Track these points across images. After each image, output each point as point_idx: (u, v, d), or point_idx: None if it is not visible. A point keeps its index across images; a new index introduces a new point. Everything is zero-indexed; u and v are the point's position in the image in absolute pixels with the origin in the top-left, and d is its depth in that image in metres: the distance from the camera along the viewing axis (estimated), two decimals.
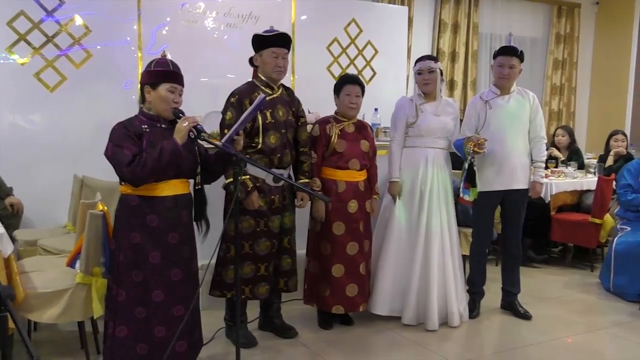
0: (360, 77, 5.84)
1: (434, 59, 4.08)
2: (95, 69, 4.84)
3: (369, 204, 3.94)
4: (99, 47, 4.84)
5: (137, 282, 2.75)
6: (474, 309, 4.19)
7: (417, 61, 4.07)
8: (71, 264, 3.10)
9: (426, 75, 3.97)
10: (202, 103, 4.74)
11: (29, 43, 4.63)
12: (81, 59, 4.80)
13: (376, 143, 4.55)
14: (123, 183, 2.77)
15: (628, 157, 5.70)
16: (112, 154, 2.67)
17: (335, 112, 3.92)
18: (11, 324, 2.57)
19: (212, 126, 3.94)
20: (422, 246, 3.92)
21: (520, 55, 4.06)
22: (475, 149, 3.85)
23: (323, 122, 3.87)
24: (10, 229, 4.02)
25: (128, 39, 4.97)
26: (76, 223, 3.69)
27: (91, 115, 4.75)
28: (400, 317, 3.97)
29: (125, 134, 2.69)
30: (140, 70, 4.94)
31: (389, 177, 4.04)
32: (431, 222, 3.92)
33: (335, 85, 3.91)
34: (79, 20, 4.79)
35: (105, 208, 3.04)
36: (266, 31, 3.53)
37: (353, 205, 3.83)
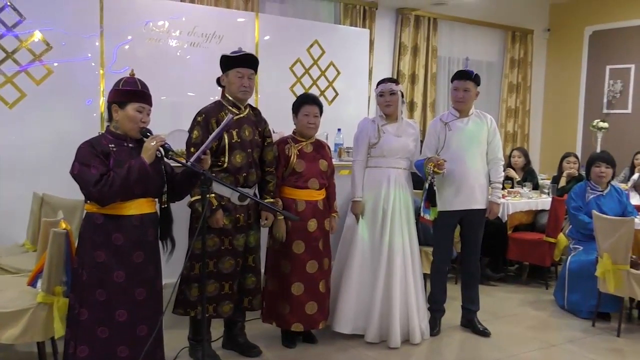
0: (322, 97, 6.00)
1: (395, 81, 4.19)
2: (56, 85, 4.76)
3: (327, 222, 3.98)
4: (58, 64, 4.78)
5: (100, 302, 2.72)
6: (435, 327, 4.25)
7: (378, 83, 4.16)
8: (32, 283, 3.04)
9: (388, 97, 4.07)
10: (164, 121, 4.70)
11: None
12: (41, 75, 4.73)
13: (339, 163, 4.64)
14: (89, 201, 2.75)
15: (579, 179, 5.89)
16: (78, 172, 2.65)
17: (294, 132, 3.97)
18: None
19: (175, 144, 3.91)
20: (384, 264, 3.98)
21: (475, 79, 4.19)
22: (435, 169, 3.95)
23: (281, 142, 3.90)
24: None
25: (89, 55, 4.93)
26: (36, 241, 3.64)
27: (51, 132, 4.67)
28: (363, 335, 4.01)
29: (92, 152, 2.67)
30: (103, 87, 4.91)
31: (351, 196, 4.09)
32: (393, 241, 3.99)
33: (294, 105, 3.95)
34: (39, 36, 4.73)
35: (69, 226, 3.00)
36: (233, 52, 3.58)
37: (312, 224, 3.87)
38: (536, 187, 6.30)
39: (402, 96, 4.15)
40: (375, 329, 3.98)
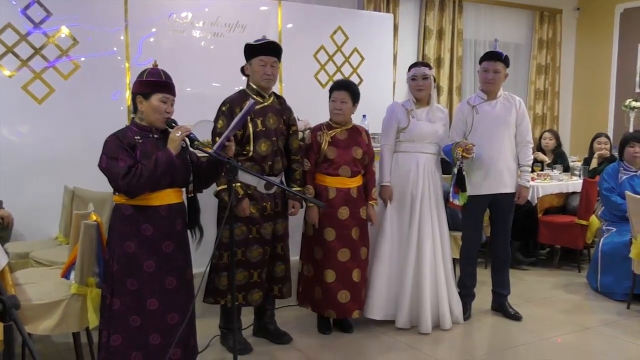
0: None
1: (428, 65, 4.11)
2: (83, 80, 4.84)
3: (364, 210, 3.94)
4: (85, 58, 4.84)
5: (131, 291, 2.76)
6: (465, 311, 4.21)
7: (411, 67, 4.10)
8: (66, 275, 3.10)
9: (420, 82, 4.01)
10: (189, 112, 4.70)
11: (16, 55, 4.62)
12: (69, 70, 4.80)
13: None
14: (117, 193, 2.78)
15: (611, 159, 5.79)
16: (106, 166, 2.68)
17: (330, 119, 3.96)
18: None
19: (201, 135, 3.93)
20: (414, 250, 3.96)
21: (505, 60, 4.12)
22: (464, 154, 3.90)
23: (315, 129, 3.89)
24: (0, 242, 3.99)
25: (115, 49, 4.98)
26: (68, 234, 3.70)
27: (80, 126, 4.74)
28: (394, 321, 4.00)
29: (118, 145, 2.69)
30: (128, 80, 4.96)
31: (379, 181, 4.06)
32: (423, 227, 3.96)
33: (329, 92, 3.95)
34: (65, 32, 4.79)
35: (99, 218, 3.05)
36: (256, 40, 3.57)
37: (343, 212, 3.84)
38: (567, 169, 6.20)
39: (434, 81, 4.11)
40: (405, 315, 3.97)
